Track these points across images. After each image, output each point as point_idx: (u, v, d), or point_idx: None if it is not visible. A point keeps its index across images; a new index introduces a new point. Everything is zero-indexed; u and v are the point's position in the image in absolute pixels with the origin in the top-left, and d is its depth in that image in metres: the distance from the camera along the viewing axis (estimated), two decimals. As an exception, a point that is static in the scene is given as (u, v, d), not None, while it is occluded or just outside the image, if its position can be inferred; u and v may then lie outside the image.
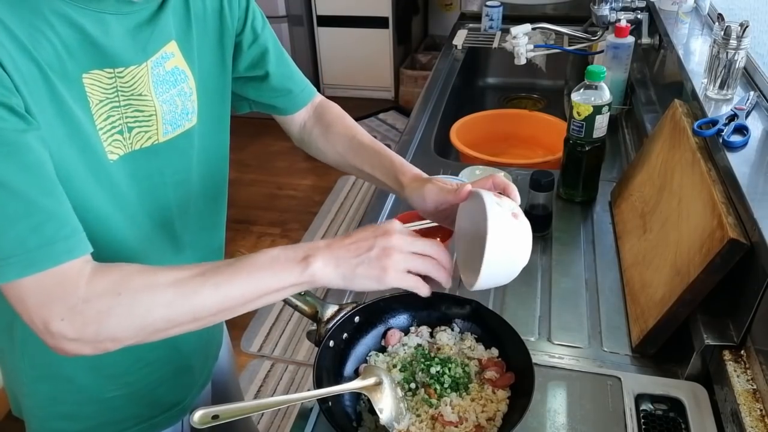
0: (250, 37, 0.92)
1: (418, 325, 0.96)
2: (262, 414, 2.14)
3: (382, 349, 0.94)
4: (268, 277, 0.68)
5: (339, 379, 0.91)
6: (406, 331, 0.95)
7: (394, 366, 0.90)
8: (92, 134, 0.71)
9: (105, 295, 0.64)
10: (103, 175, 0.73)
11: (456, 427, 0.81)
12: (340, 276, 0.69)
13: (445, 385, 0.86)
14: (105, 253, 0.76)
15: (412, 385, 0.89)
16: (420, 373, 0.89)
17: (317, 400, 0.80)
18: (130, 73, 0.73)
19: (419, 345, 0.93)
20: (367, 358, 0.93)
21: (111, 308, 0.64)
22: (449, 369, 0.87)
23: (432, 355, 0.90)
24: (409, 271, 0.72)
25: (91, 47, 0.68)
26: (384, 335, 0.94)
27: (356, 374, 0.92)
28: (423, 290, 0.73)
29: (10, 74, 0.61)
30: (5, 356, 0.90)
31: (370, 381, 0.81)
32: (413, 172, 0.91)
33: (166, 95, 0.77)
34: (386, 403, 0.80)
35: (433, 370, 0.87)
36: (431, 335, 0.95)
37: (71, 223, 0.65)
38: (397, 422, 0.80)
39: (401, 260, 0.70)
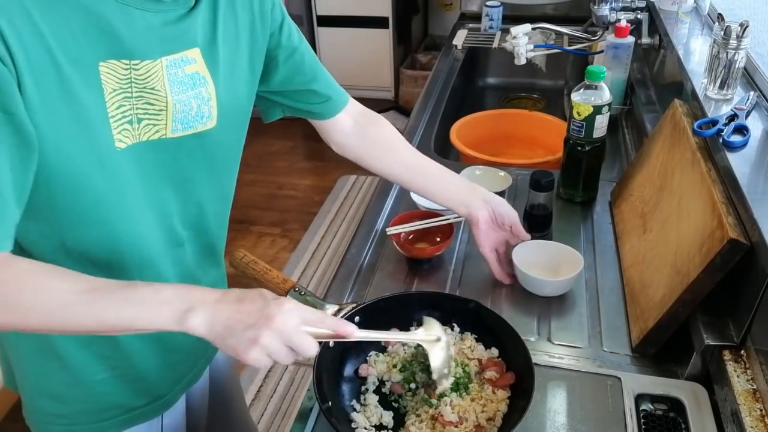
0: (286, 51, 0.95)
1: (418, 326, 0.96)
2: (262, 414, 2.15)
3: (383, 349, 0.94)
4: (143, 317, 0.70)
5: (339, 379, 0.91)
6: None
7: (395, 366, 0.90)
8: (102, 121, 0.73)
9: None
10: (107, 161, 0.75)
11: (456, 427, 0.81)
12: (213, 337, 0.70)
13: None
14: (100, 236, 0.80)
15: (412, 386, 0.89)
16: (420, 373, 0.89)
17: (317, 400, 0.81)
18: (144, 66, 0.75)
19: (419, 345, 0.93)
20: (368, 358, 0.93)
21: None
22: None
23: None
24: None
25: (111, 37, 0.71)
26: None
27: (356, 374, 0.92)
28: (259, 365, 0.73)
29: (13, 54, 0.63)
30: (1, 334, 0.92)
31: (432, 336, 0.85)
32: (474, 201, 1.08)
33: (182, 95, 0.79)
34: (439, 360, 0.84)
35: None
36: None
37: None
38: (446, 379, 0.84)
39: (268, 345, 0.70)
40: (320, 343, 0.88)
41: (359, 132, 1.13)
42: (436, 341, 0.85)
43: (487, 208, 1.08)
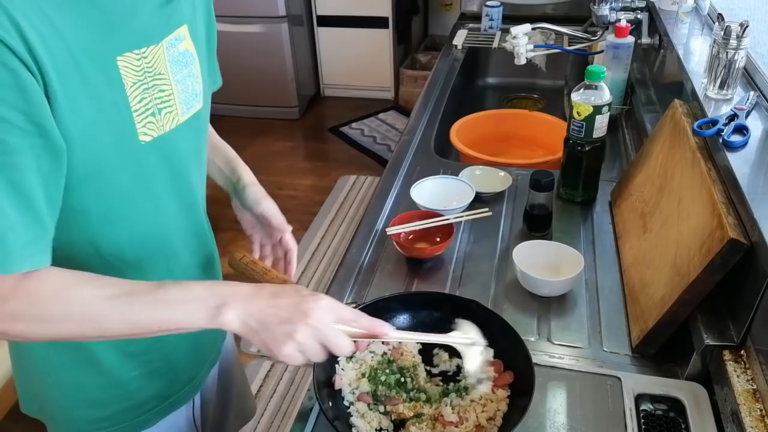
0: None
1: (417, 327, 0.96)
2: (262, 414, 2.15)
3: (350, 356, 0.93)
4: (176, 317, 0.69)
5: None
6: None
7: (363, 375, 0.89)
8: (126, 116, 0.73)
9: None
10: (132, 156, 0.75)
11: (456, 427, 0.81)
12: (246, 331, 0.69)
13: (411, 391, 0.87)
14: (129, 232, 0.80)
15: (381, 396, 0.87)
16: (380, 387, 0.87)
17: (317, 400, 0.81)
18: (151, 52, 0.75)
19: (384, 353, 0.92)
20: (336, 365, 0.90)
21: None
22: (411, 377, 0.88)
23: (392, 359, 0.90)
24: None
25: (122, 29, 0.71)
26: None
27: (332, 386, 0.91)
28: (298, 363, 0.72)
29: (39, 61, 0.62)
30: (23, 353, 0.92)
31: (467, 340, 0.85)
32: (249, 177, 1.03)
33: (179, 75, 0.79)
34: (474, 364, 0.84)
35: (392, 379, 0.87)
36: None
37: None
38: (481, 384, 0.84)
39: (304, 340, 0.69)
40: None
41: None
42: (471, 345, 0.84)
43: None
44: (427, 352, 0.94)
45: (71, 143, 0.68)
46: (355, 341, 0.92)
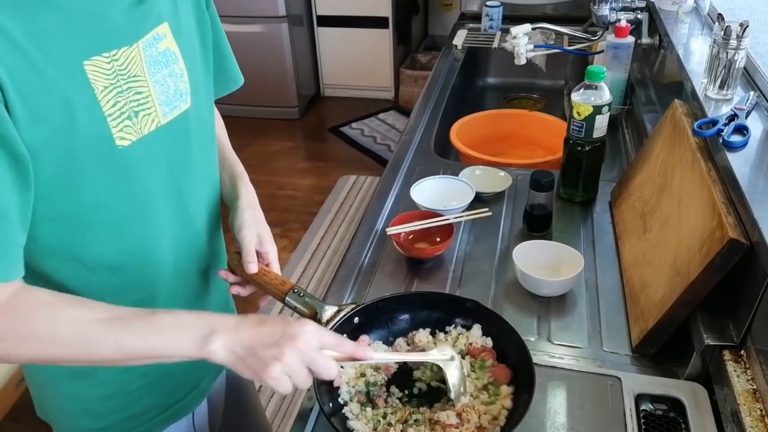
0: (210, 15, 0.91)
1: (417, 328, 0.96)
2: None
3: (390, 343, 0.94)
4: (167, 344, 0.70)
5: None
6: (384, 339, 0.95)
7: (362, 375, 0.89)
8: (99, 121, 0.71)
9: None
10: (112, 162, 0.73)
11: (456, 428, 0.81)
12: (233, 360, 0.70)
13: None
14: (114, 240, 0.78)
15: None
16: (371, 387, 0.88)
17: (317, 401, 0.81)
18: (123, 54, 0.72)
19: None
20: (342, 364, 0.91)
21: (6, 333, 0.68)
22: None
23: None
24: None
25: (88, 32, 0.68)
26: (355, 340, 0.93)
27: (330, 384, 0.91)
28: (286, 390, 0.71)
29: None
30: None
31: (446, 355, 0.85)
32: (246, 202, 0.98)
33: (158, 75, 0.77)
34: (456, 377, 0.84)
35: (380, 379, 0.88)
36: (407, 343, 0.94)
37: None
38: (463, 396, 0.84)
39: (290, 363, 0.69)
40: None
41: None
42: (450, 360, 0.85)
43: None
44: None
45: (38, 151, 0.66)
46: (355, 342, 0.93)
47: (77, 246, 0.77)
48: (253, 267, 0.91)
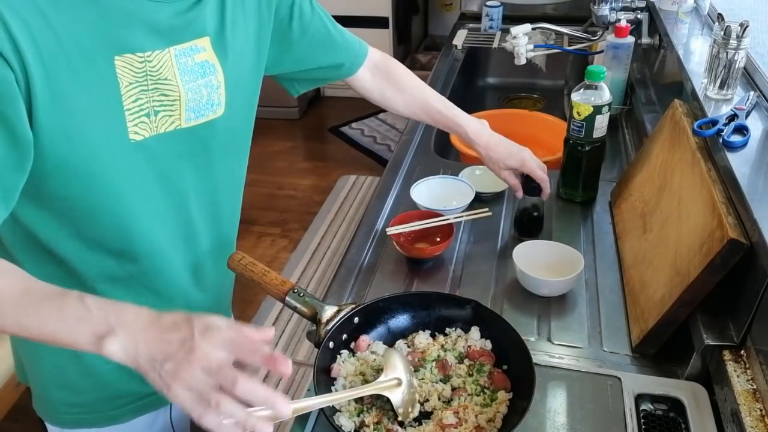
0: (296, 33, 0.99)
1: (417, 328, 0.96)
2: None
3: (353, 353, 0.93)
4: (65, 335, 0.65)
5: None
6: (384, 339, 0.95)
7: (361, 374, 0.89)
8: (117, 113, 0.74)
9: None
10: (121, 154, 0.76)
11: (455, 428, 0.81)
12: (135, 366, 0.63)
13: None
14: (114, 226, 0.81)
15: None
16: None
17: (314, 387, 0.82)
18: (156, 57, 0.76)
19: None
20: (338, 356, 0.91)
21: None
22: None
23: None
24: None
25: (125, 31, 0.72)
26: (355, 340, 0.94)
27: (328, 373, 0.91)
28: (194, 414, 0.61)
29: (22, 53, 0.64)
30: None
31: (392, 382, 0.83)
32: (482, 140, 1.23)
33: (192, 84, 0.80)
34: (399, 399, 0.82)
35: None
36: (408, 345, 0.94)
37: None
38: (412, 411, 0.83)
39: (187, 380, 0.60)
40: (320, 344, 0.89)
41: (377, 83, 1.20)
42: (396, 386, 0.82)
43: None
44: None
45: (54, 131, 0.69)
46: (355, 341, 0.93)
47: (83, 227, 0.80)
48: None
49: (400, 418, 0.82)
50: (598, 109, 1.23)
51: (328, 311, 0.91)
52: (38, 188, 0.74)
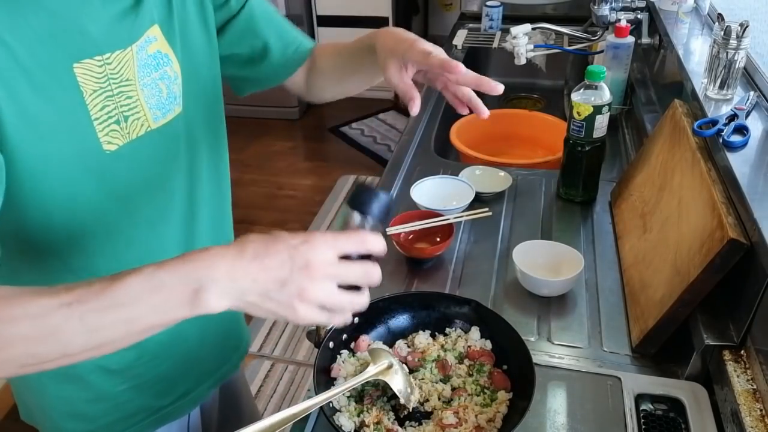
0: (235, 8, 0.90)
1: (417, 328, 0.96)
2: (262, 414, 2.14)
3: (353, 352, 0.93)
4: (147, 313, 0.56)
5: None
6: (384, 339, 0.95)
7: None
8: (85, 124, 0.69)
9: None
10: (97, 165, 0.72)
11: (455, 428, 0.81)
12: (242, 308, 0.58)
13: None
14: (97, 241, 0.76)
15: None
16: (366, 386, 0.87)
17: (314, 387, 0.82)
18: (116, 58, 0.71)
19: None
20: (338, 356, 0.91)
21: None
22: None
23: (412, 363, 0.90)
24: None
25: (80, 35, 0.68)
26: (355, 340, 0.94)
27: (328, 374, 0.91)
28: (335, 321, 0.64)
29: None
30: None
31: (383, 365, 0.83)
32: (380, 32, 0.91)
33: (147, 79, 0.75)
34: (400, 383, 0.83)
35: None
36: (407, 345, 0.94)
37: None
38: (413, 396, 0.83)
39: (317, 298, 0.59)
40: (320, 344, 0.88)
41: (308, 80, 1.04)
42: (388, 369, 0.83)
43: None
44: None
45: (24, 150, 0.65)
46: (355, 341, 0.93)
47: (72, 259, 0.75)
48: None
49: (402, 401, 0.82)
50: (598, 109, 1.23)
51: (328, 311, 0.91)
52: (18, 232, 0.69)
